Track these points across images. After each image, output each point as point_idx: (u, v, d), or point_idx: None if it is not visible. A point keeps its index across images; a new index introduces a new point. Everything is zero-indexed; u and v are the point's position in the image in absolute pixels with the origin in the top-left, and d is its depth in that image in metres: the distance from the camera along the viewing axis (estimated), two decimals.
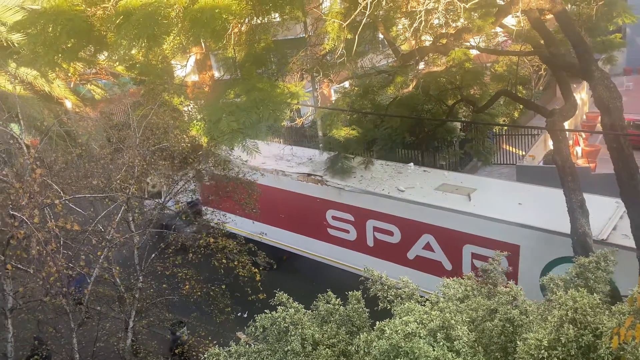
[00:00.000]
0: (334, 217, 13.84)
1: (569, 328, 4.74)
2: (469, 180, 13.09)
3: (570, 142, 18.94)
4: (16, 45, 12.68)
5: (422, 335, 5.06)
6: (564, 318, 4.86)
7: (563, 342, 4.70)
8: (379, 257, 13.11)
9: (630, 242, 9.18)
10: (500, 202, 11.68)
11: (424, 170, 13.93)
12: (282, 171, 14.67)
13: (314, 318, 6.75)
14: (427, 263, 12.23)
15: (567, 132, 12.41)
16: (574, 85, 18.17)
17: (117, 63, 13.59)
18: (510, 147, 22.12)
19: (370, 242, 13.25)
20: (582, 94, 24.09)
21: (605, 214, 10.61)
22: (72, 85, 15.49)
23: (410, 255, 12.54)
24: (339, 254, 13.94)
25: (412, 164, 14.71)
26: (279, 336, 6.20)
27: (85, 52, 9.79)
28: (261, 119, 9.38)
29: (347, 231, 13.60)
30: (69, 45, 8.80)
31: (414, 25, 9.17)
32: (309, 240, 14.55)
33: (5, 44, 12.93)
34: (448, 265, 11.98)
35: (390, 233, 12.79)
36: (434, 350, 4.95)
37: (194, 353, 11.54)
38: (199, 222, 11.15)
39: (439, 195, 12.27)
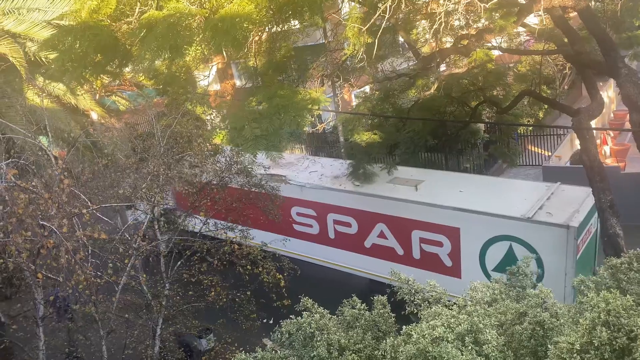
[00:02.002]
0: (298, 214, 14.53)
1: (602, 331, 4.62)
2: (418, 173, 14.09)
3: (598, 141, 18.53)
4: (44, 61, 13.02)
5: (449, 339, 4.99)
6: (596, 320, 4.73)
7: (596, 345, 4.58)
8: (340, 247, 14.06)
9: (552, 219, 10.62)
10: (444, 190, 12.70)
11: (380, 167, 14.77)
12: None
13: (340, 323, 6.72)
14: (382, 250, 13.22)
15: (594, 131, 12.22)
16: (600, 83, 17.82)
17: (142, 75, 13.84)
18: (536, 148, 21.77)
19: (331, 235, 14.13)
20: (609, 92, 23.58)
21: (535, 195, 11.70)
22: (97, 97, 15.81)
23: (367, 243, 13.48)
24: (305, 247, 14.65)
25: None
26: (305, 342, 6.18)
27: (112, 66, 9.99)
28: (283, 125, 9.43)
29: (311, 226, 14.39)
30: (96, 60, 9.01)
31: (434, 27, 9.12)
32: (279, 237, 14.74)
33: (33, 59, 13.28)
34: (400, 251, 12.97)
35: (349, 225, 13.71)
36: (462, 354, 4.87)
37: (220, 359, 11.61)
38: (172, 230, 11.15)
39: (390, 188, 13.19)
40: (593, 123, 12.27)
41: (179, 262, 11.00)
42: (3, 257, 7.67)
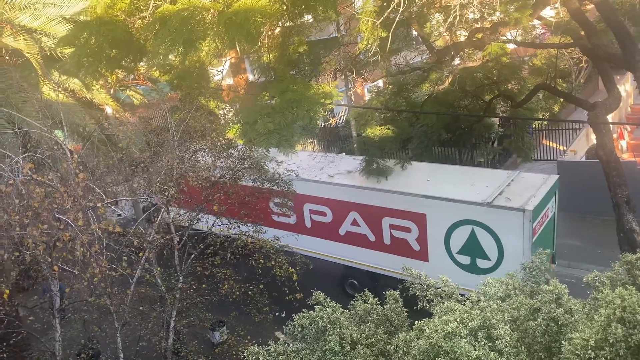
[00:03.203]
0: (276, 204, 14.87)
1: (617, 327, 4.57)
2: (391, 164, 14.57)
3: (615, 135, 18.26)
4: (59, 56, 13.12)
5: (462, 334, 4.98)
6: (611, 317, 4.68)
7: (611, 341, 4.54)
8: (316, 236, 14.52)
9: (509, 204, 11.21)
10: (412, 179, 13.40)
11: (354, 158, 15.31)
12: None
13: (352, 317, 6.73)
14: (355, 237, 13.81)
15: (610, 126, 12.07)
16: (617, 77, 17.51)
17: (156, 70, 13.90)
18: (551, 143, 21.54)
19: (308, 224, 14.61)
20: (626, 86, 23.21)
21: (496, 182, 12.26)
22: (112, 92, 15.92)
23: (341, 231, 14.05)
24: (283, 237, 14.61)
25: (343, 153, 16.58)
26: (317, 335, 6.20)
27: (126, 60, 10.05)
28: (296, 119, 9.44)
29: (289, 216, 14.86)
30: (111, 55, 9.08)
31: (449, 20, 9.04)
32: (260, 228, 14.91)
33: (49, 54, 13.39)
34: (372, 237, 13.52)
35: (324, 214, 14.26)
36: (475, 349, 4.86)
37: (233, 352, 11.69)
38: (157, 224, 11.17)
39: (362, 178, 13.69)
40: (609, 117, 12.13)
41: (192, 256, 11.09)
42: (20, 250, 7.79)
